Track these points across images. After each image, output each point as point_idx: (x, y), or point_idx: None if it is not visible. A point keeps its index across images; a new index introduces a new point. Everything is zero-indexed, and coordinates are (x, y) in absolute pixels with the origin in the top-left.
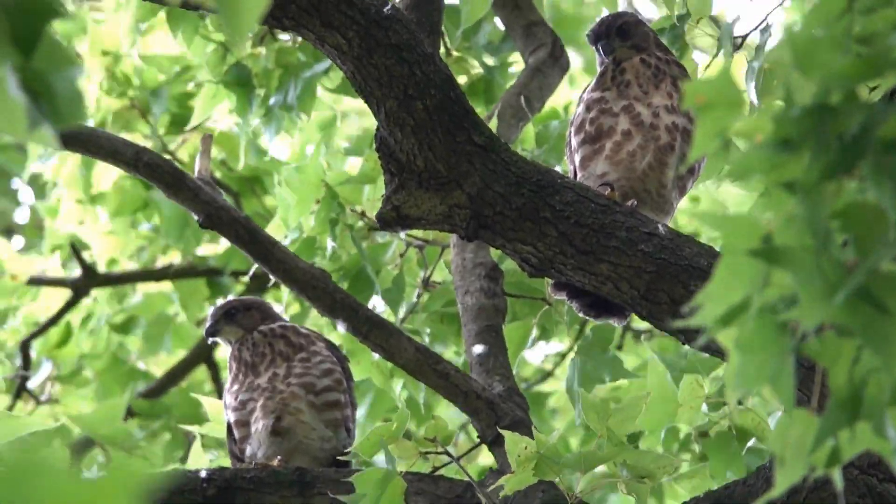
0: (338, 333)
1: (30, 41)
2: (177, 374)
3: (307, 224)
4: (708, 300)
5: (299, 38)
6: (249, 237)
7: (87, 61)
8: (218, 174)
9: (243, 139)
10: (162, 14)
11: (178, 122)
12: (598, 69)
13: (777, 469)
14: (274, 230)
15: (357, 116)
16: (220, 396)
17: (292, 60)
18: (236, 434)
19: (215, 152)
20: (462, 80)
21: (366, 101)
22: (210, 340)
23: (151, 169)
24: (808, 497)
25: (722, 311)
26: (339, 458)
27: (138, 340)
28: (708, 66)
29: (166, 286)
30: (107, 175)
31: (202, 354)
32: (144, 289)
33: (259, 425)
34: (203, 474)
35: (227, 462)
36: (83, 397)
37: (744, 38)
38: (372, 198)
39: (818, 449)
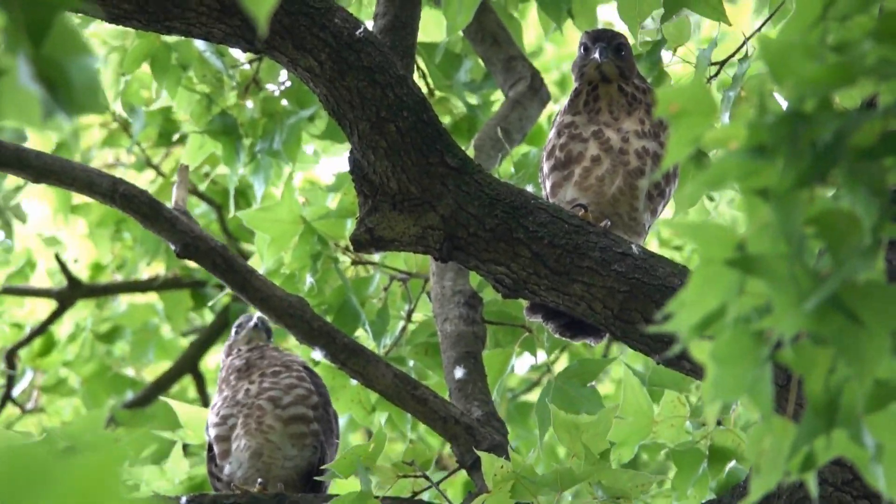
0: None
1: (41, 31)
2: (163, 384)
3: (286, 259)
4: (682, 308)
5: (283, 86)
6: (227, 266)
7: None
8: (202, 187)
9: (232, 188)
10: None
11: (165, 135)
12: (574, 81)
13: (752, 476)
14: (253, 264)
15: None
16: (205, 406)
17: (277, 108)
18: (216, 450)
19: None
20: (445, 120)
21: (339, 124)
22: (256, 319)
23: (128, 200)
24: None
25: (697, 319)
26: (315, 478)
27: (125, 347)
28: None
29: (151, 297)
30: None
31: (188, 365)
32: (129, 299)
33: (241, 443)
34: (183, 500)
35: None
36: (69, 406)
37: (721, 64)
38: None
39: (794, 456)
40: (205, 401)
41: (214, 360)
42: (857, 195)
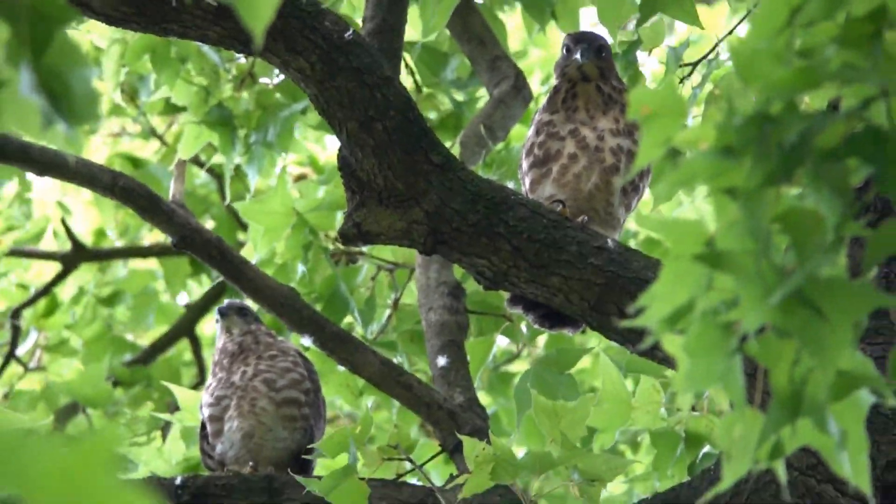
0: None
1: (44, 43)
2: (160, 347)
3: (279, 249)
4: (653, 302)
5: (276, 80)
6: (221, 257)
7: None
8: (203, 156)
9: (227, 177)
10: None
11: (170, 105)
12: (555, 79)
13: (724, 464)
14: (247, 253)
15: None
16: (200, 370)
17: (271, 101)
18: (209, 429)
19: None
20: (432, 115)
21: (328, 122)
22: (217, 317)
23: (127, 193)
24: (751, 498)
25: (667, 313)
26: (303, 456)
27: (126, 312)
28: None
29: (152, 262)
30: (96, 156)
31: (184, 328)
32: (131, 264)
33: (234, 424)
34: (178, 481)
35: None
36: (70, 366)
37: (694, 65)
38: None
39: (763, 444)
40: (200, 365)
41: (211, 326)
42: (822, 194)
